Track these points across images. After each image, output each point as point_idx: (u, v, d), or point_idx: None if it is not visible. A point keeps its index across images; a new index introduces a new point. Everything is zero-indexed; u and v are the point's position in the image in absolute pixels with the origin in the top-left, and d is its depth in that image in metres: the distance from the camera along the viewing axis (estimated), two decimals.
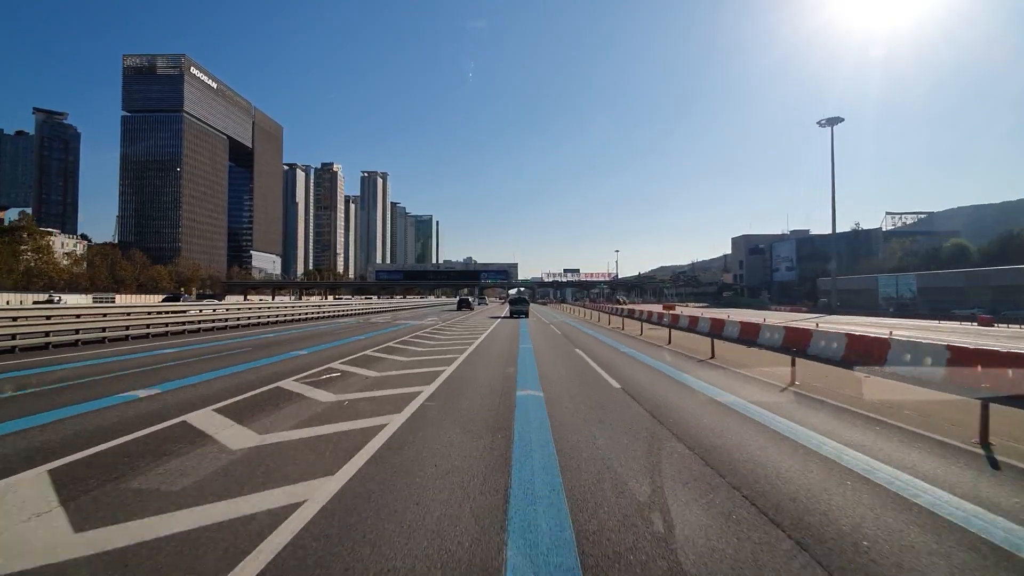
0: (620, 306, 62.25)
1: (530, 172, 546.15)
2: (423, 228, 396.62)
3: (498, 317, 39.96)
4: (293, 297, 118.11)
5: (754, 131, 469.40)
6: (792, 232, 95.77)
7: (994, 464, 5.04)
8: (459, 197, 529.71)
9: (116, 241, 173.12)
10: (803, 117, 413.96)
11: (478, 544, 3.16)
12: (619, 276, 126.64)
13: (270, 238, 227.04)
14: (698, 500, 3.93)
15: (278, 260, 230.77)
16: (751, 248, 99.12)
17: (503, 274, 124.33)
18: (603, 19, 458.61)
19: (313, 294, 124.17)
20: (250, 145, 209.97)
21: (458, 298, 67.59)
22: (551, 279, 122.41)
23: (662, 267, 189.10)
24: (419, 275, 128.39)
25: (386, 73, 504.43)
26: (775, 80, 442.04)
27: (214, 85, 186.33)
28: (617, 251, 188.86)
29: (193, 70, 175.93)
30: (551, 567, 2.90)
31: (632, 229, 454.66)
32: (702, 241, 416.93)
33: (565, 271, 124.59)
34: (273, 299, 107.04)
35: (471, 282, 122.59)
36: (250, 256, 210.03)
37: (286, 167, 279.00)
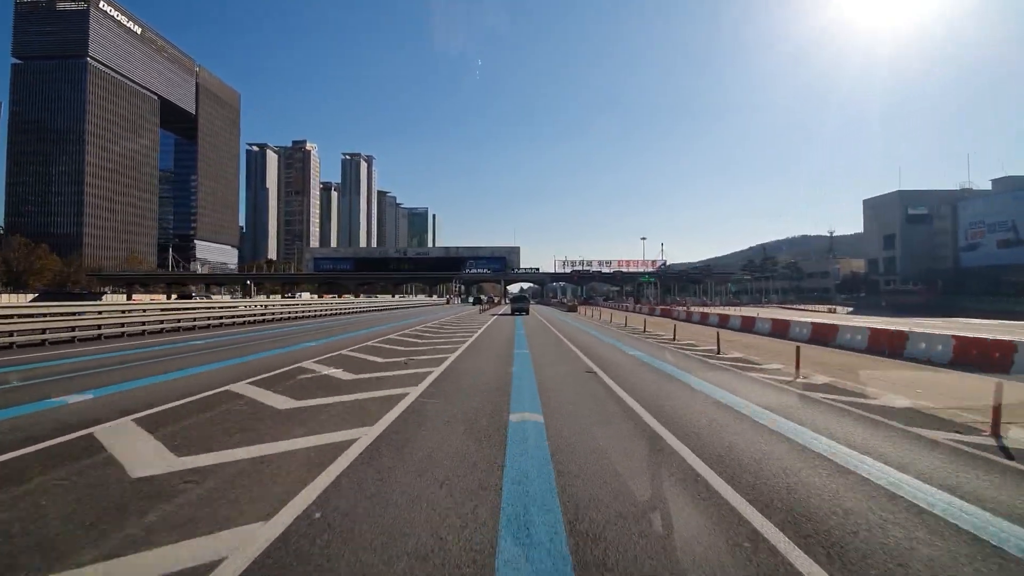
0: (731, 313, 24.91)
1: (528, 169, 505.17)
2: (418, 222, 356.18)
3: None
4: (196, 296, 79.62)
5: (756, 131, 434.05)
6: (997, 182, 55.41)
7: None
8: (457, 195, 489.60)
9: (3, 224, 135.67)
10: (806, 119, 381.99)
11: None
12: (666, 265, 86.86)
13: (222, 226, 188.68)
14: None
15: (233, 252, 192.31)
16: (911, 214, 59.09)
17: (499, 262, 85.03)
18: (606, 18, 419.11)
19: (231, 291, 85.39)
20: (193, 111, 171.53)
21: (473, 297, 69.24)
22: (570, 268, 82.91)
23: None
24: (377, 264, 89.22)
25: (384, 65, 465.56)
26: (776, 80, 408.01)
27: (137, 29, 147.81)
28: (644, 239, 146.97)
29: (104, 5, 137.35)
30: None
31: (630, 227, 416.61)
32: (700, 240, 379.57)
33: (582, 262, 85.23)
34: (170, 299, 68.94)
35: (452, 273, 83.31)
36: (193, 246, 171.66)
37: (255, 147, 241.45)
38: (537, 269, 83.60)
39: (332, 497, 3.39)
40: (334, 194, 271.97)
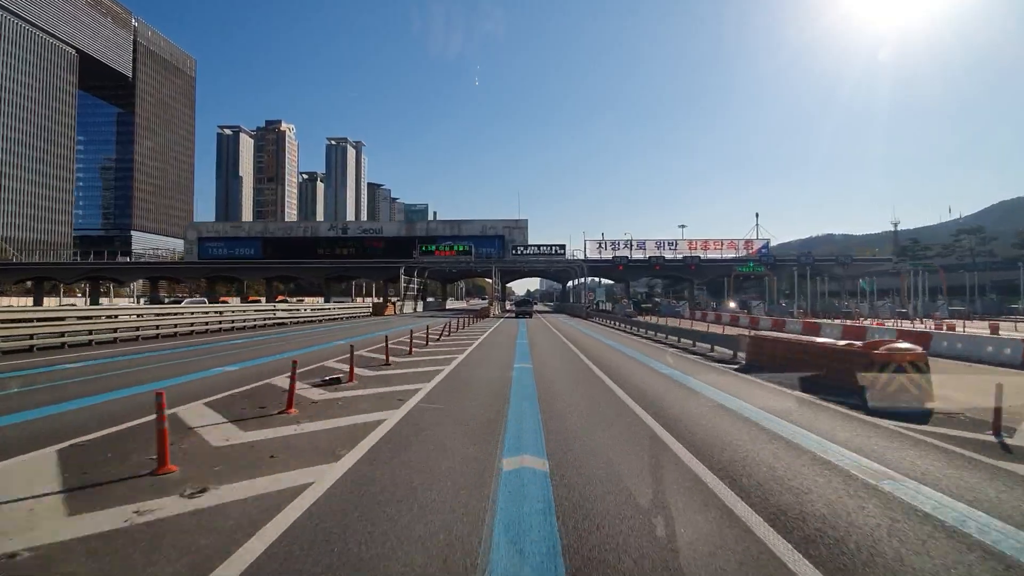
0: None
1: (528, 164, 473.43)
2: (417, 219, 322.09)
3: None
4: None
5: (758, 129, 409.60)
6: None
7: None
8: (457, 193, 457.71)
9: None
10: (807, 112, 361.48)
11: None
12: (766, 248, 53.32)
13: (170, 215, 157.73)
14: None
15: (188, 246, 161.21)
16: None
17: (494, 243, 52.04)
18: (606, 18, 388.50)
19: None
20: (129, 74, 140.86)
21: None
22: (612, 255, 49.87)
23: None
24: (300, 247, 56.65)
25: (377, 54, 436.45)
26: (779, 79, 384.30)
27: None
28: (683, 226, 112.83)
29: None
30: None
31: (621, 227, 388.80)
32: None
33: (628, 243, 52.24)
34: None
35: (416, 263, 50.44)
36: (129, 237, 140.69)
37: (228, 130, 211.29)
38: (561, 248, 49.51)
39: None
40: (319, 184, 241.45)
